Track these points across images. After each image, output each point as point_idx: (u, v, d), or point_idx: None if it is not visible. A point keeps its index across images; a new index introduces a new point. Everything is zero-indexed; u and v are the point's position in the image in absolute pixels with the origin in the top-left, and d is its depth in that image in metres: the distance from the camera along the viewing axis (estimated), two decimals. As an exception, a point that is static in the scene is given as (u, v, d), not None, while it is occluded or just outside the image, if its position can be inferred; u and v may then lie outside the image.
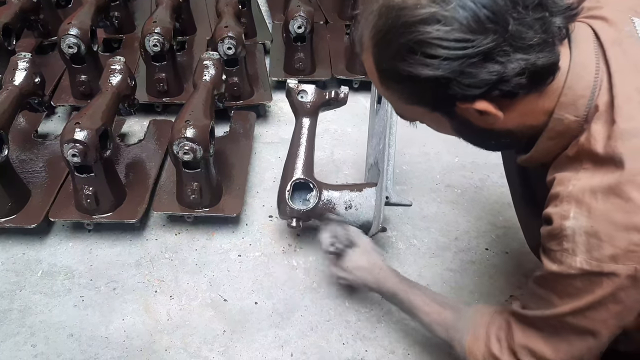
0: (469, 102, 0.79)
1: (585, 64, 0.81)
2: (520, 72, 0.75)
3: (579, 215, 0.77)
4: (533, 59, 0.75)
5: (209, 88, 1.61)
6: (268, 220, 1.64)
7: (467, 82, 0.76)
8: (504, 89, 0.77)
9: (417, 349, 1.30)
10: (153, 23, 1.86)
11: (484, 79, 0.75)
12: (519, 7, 0.73)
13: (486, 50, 0.73)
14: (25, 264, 1.48)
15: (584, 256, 0.77)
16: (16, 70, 1.59)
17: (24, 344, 1.29)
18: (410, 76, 0.78)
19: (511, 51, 0.74)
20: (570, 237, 0.78)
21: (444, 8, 0.73)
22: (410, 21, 0.75)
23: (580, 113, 0.80)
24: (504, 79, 0.75)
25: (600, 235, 0.75)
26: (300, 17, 2.02)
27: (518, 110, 0.82)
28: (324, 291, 1.43)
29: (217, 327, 1.34)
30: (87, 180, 1.45)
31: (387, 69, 0.82)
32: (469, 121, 0.84)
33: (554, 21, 0.76)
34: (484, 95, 0.77)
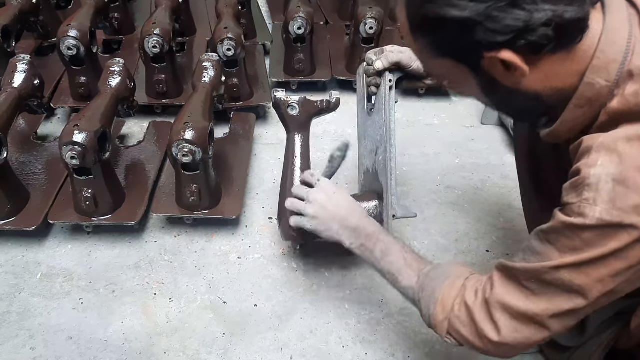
0: (495, 51, 0.77)
1: (617, 28, 0.80)
2: (546, 23, 0.73)
3: (607, 162, 0.74)
4: (561, 11, 0.73)
5: (208, 90, 1.60)
6: (268, 222, 1.64)
7: (492, 27, 0.74)
8: (529, 39, 0.75)
9: (417, 352, 1.30)
10: (152, 24, 1.86)
11: (510, 25, 0.74)
12: None
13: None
14: (24, 267, 1.48)
15: (606, 205, 0.73)
16: (15, 73, 1.59)
17: (23, 347, 1.29)
18: (437, 20, 0.77)
19: (538, 1, 0.72)
20: (594, 185, 0.75)
21: None
22: None
23: (612, 77, 0.79)
24: (530, 27, 0.74)
25: (629, 182, 0.73)
26: (300, 18, 2.01)
27: (545, 69, 0.80)
28: (324, 294, 1.43)
29: (217, 330, 1.34)
30: (86, 182, 1.45)
31: (416, 14, 0.81)
32: (494, 79, 0.83)
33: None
34: (510, 44, 0.76)
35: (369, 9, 2.06)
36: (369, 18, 2.03)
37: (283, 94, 1.39)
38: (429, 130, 2.05)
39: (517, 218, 1.64)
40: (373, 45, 2.13)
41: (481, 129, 2.08)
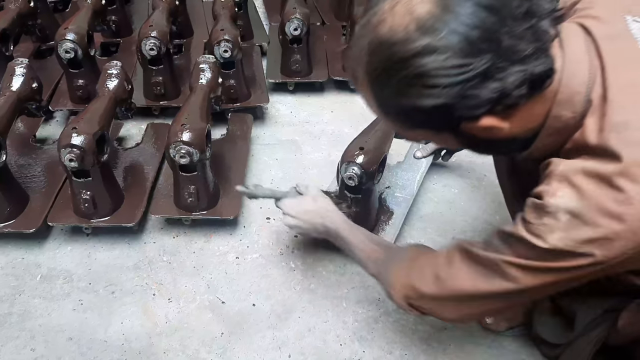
0: (475, 121, 0.80)
1: (578, 60, 0.82)
2: (520, 84, 0.76)
3: (567, 195, 0.78)
4: (530, 69, 0.75)
5: (206, 91, 1.61)
6: (266, 222, 1.65)
7: (470, 104, 0.77)
8: (507, 103, 0.78)
9: (414, 350, 1.31)
10: (150, 27, 1.87)
11: (486, 98, 0.76)
12: (508, 21, 0.73)
13: (484, 70, 0.74)
14: (25, 268, 1.49)
15: (562, 234, 0.77)
16: (13, 76, 1.60)
17: (24, 348, 1.30)
18: (413, 107, 0.79)
19: (508, 65, 0.74)
20: (553, 214, 0.78)
21: (436, 37, 0.73)
22: (404, 56, 0.75)
23: (577, 109, 0.81)
24: (506, 93, 0.76)
25: (584, 217, 0.76)
26: (296, 19, 2.02)
27: (520, 116, 0.82)
28: (322, 292, 1.44)
29: (215, 329, 1.35)
30: (84, 184, 1.46)
31: (389, 103, 0.83)
32: (474, 136, 0.85)
33: (543, 25, 0.77)
34: (488, 111, 0.79)
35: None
36: (365, 18, 2.04)
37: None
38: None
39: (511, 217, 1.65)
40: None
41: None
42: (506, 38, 0.73)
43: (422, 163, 1.74)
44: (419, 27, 0.74)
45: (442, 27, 0.73)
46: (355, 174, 1.38)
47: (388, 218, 1.57)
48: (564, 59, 0.81)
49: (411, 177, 1.71)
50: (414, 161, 1.72)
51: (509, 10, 0.73)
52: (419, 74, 0.75)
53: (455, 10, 0.73)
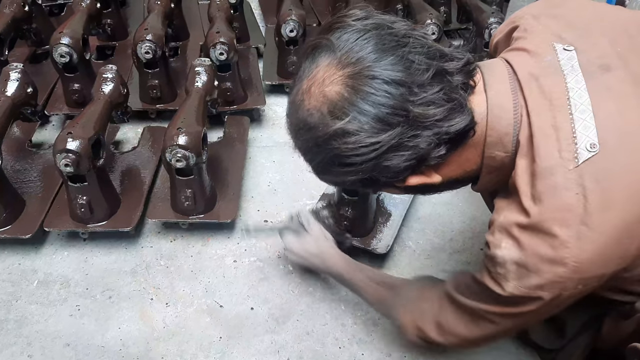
0: (401, 182, 0.85)
1: (501, 104, 0.84)
2: (435, 146, 0.79)
3: (509, 246, 0.82)
4: (445, 130, 0.78)
5: (201, 94, 1.61)
6: (263, 225, 1.64)
7: (389, 174, 0.82)
8: (428, 164, 0.82)
9: (414, 352, 1.31)
10: (145, 30, 1.86)
11: (403, 166, 0.80)
12: (414, 89, 0.76)
13: (394, 143, 0.77)
14: (21, 274, 1.49)
15: (515, 282, 0.82)
16: (8, 81, 1.59)
17: (21, 354, 1.29)
18: (339, 181, 0.88)
19: (419, 132, 0.77)
20: (502, 264, 0.83)
21: (345, 120, 0.77)
22: (320, 141, 0.80)
23: (508, 149, 0.84)
24: (422, 157, 0.80)
25: (529, 267, 0.80)
26: (292, 20, 2.02)
27: (453, 164, 0.86)
28: (320, 295, 1.44)
29: (213, 334, 1.34)
30: (80, 189, 1.45)
31: (321, 176, 0.90)
32: (413, 186, 0.88)
33: (456, 81, 0.79)
34: (412, 173, 0.84)
35: (360, 11, 2.06)
36: (360, 19, 2.04)
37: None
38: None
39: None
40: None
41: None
42: (415, 107, 0.76)
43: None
44: (330, 110, 0.78)
45: (351, 110, 0.77)
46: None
47: (386, 220, 1.56)
48: (488, 103, 0.83)
49: None
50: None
51: (416, 79, 0.76)
52: (334, 156, 0.81)
53: (363, 89, 0.76)
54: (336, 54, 0.79)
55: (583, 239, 0.76)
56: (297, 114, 0.84)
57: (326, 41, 0.81)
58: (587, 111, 0.79)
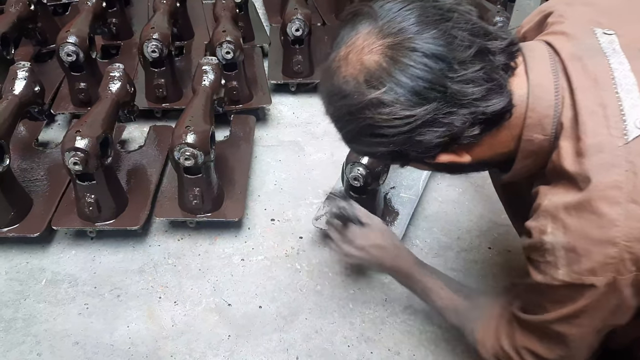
0: (432, 158, 0.83)
1: (542, 84, 0.82)
2: (470, 125, 0.78)
3: (555, 231, 0.79)
4: (481, 110, 0.77)
5: (209, 93, 1.61)
6: (270, 223, 1.64)
7: (419, 149, 0.80)
8: (460, 143, 0.80)
9: (422, 351, 1.31)
10: (151, 29, 1.86)
11: (435, 143, 0.79)
12: (454, 66, 0.75)
13: (429, 118, 0.76)
14: (29, 273, 1.49)
15: (565, 269, 0.79)
16: (16, 80, 1.59)
17: (30, 353, 1.29)
18: (368, 152, 0.87)
19: (455, 110, 0.76)
20: (550, 251, 0.80)
21: (382, 90, 0.76)
22: (354, 109, 0.79)
23: (548, 131, 0.82)
24: (455, 135, 0.79)
25: (578, 250, 0.77)
26: (297, 19, 2.02)
27: (485, 145, 0.85)
28: (328, 293, 1.44)
29: (222, 332, 1.34)
30: (88, 188, 1.45)
31: (351, 145, 0.89)
32: (442, 164, 0.87)
33: (498, 61, 0.78)
34: (443, 151, 0.82)
35: (366, 10, 2.06)
36: (366, 18, 2.04)
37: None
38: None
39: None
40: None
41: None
42: (453, 84, 0.75)
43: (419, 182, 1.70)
44: (367, 79, 0.77)
45: (388, 81, 0.75)
46: (360, 174, 1.38)
47: (393, 219, 1.56)
48: (529, 84, 0.82)
49: (416, 177, 1.70)
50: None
51: (457, 56, 0.75)
52: (367, 125, 0.79)
53: (402, 61, 0.75)
54: (377, 22, 0.77)
55: (633, 217, 0.73)
56: (332, 81, 0.82)
57: (368, 9, 0.79)
58: (634, 91, 0.77)
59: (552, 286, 0.81)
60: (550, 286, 0.82)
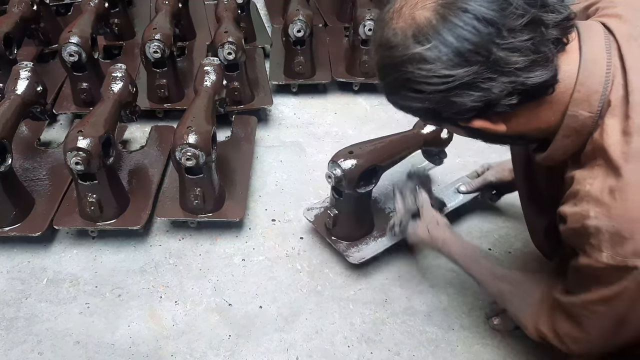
0: (466, 122, 0.84)
1: (596, 60, 0.82)
2: (508, 94, 0.78)
3: (599, 215, 0.79)
4: (522, 80, 0.77)
5: (210, 93, 1.62)
6: (271, 224, 1.65)
7: (454, 110, 0.81)
8: (495, 110, 0.80)
9: (422, 351, 1.31)
10: (153, 30, 1.87)
11: (470, 106, 0.79)
12: (503, 32, 0.75)
13: (467, 81, 0.77)
14: (31, 272, 1.49)
15: (609, 252, 0.79)
16: (18, 80, 1.60)
17: (31, 352, 1.30)
18: (404, 105, 0.86)
19: (496, 76, 0.76)
20: (594, 235, 0.80)
21: (426, 47, 0.77)
22: (397, 61, 0.81)
23: (594, 109, 0.81)
24: (491, 102, 0.79)
25: (623, 233, 0.77)
26: (299, 20, 2.02)
27: (523, 117, 0.84)
28: (328, 294, 1.44)
29: (223, 332, 1.35)
30: (90, 187, 1.46)
31: (389, 97, 0.89)
32: (478, 130, 0.87)
33: (549, 34, 0.77)
34: (478, 116, 0.82)
35: (367, 11, 2.07)
36: (367, 20, 2.04)
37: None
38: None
39: (519, 216, 1.64)
40: (372, 46, 2.13)
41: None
42: (499, 51, 0.75)
43: (460, 197, 1.63)
44: (415, 34, 0.78)
45: (434, 38, 0.77)
46: (334, 174, 1.38)
47: (380, 235, 1.52)
48: (582, 58, 0.82)
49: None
50: (452, 192, 1.65)
51: (508, 23, 0.75)
52: (406, 79, 0.80)
53: (452, 21, 0.76)
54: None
55: None
56: (383, 31, 0.83)
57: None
58: None
59: (595, 268, 0.82)
60: (594, 268, 0.83)
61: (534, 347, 1.31)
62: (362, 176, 1.38)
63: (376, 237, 1.52)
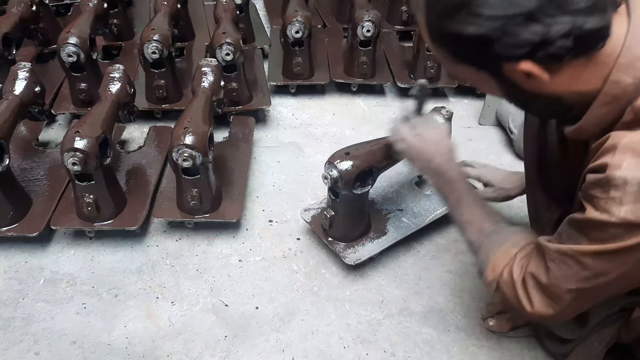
0: (514, 62, 0.80)
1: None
2: (565, 35, 0.76)
3: (634, 165, 0.77)
4: (580, 22, 0.75)
5: (208, 95, 1.62)
6: (268, 224, 1.65)
7: (509, 41, 0.77)
8: (548, 51, 0.78)
9: (417, 352, 1.31)
10: (151, 30, 1.87)
11: (527, 39, 0.76)
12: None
13: (530, 11, 0.74)
14: (28, 272, 1.50)
15: (631, 206, 0.77)
16: (16, 80, 1.60)
17: (28, 352, 1.30)
18: (456, 34, 0.81)
19: (557, 13, 0.75)
20: (621, 186, 0.78)
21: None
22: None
23: (638, 75, 0.80)
24: (548, 40, 0.76)
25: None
26: (297, 22, 2.02)
27: (567, 73, 0.82)
28: (325, 295, 1.44)
29: (219, 332, 1.35)
30: (87, 188, 1.46)
31: (436, 26, 0.85)
32: (515, 83, 0.85)
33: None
34: (529, 55, 0.79)
35: (366, 12, 2.07)
36: (366, 21, 2.05)
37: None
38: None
39: (515, 218, 1.65)
40: (370, 48, 2.14)
41: (479, 129, 2.09)
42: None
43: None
44: None
45: None
46: (331, 175, 1.37)
47: (376, 236, 1.52)
48: (630, 24, 0.81)
49: (430, 209, 1.62)
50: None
51: None
52: (468, 1, 0.77)
53: None
54: None
55: None
56: None
57: None
58: None
59: (606, 223, 0.80)
60: (604, 223, 0.80)
61: (530, 349, 1.31)
62: (358, 177, 1.37)
63: (373, 238, 1.52)
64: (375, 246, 1.50)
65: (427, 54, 2.12)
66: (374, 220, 1.56)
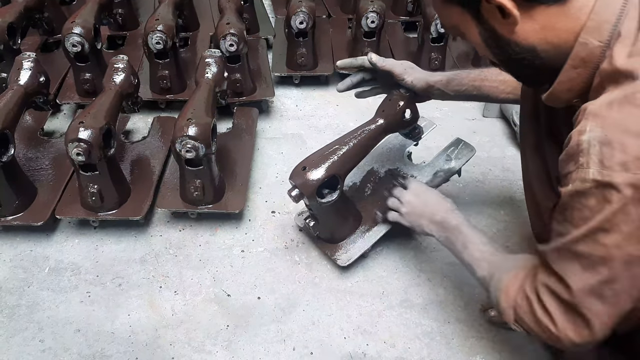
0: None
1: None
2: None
3: (594, 127, 0.78)
4: None
5: (211, 86, 1.62)
6: (271, 216, 1.66)
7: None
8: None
9: (417, 343, 1.32)
10: (156, 21, 1.87)
11: None
12: None
13: None
14: (33, 261, 1.51)
15: (597, 167, 0.77)
16: (21, 70, 1.61)
17: (32, 339, 1.32)
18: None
19: None
20: (585, 150, 0.78)
21: None
22: None
23: (604, 38, 0.82)
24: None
25: (613, 143, 0.76)
26: (302, 12, 2.02)
27: (539, 21, 0.85)
28: (326, 286, 1.45)
29: (221, 322, 1.37)
30: (91, 178, 1.48)
31: None
32: (493, 28, 0.88)
33: None
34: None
35: (370, 3, 2.06)
36: (370, 12, 2.04)
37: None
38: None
39: (518, 211, 1.65)
40: (375, 39, 2.13)
41: (483, 121, 2.08)
42: None
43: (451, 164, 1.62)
44: None
45: None
46: (292, 195, 1.33)
47: (368, 229, 1.49)
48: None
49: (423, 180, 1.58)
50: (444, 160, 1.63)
51: None
52: None
53: None
54: None
55: None
56: None
57: None
58: None
59: (580, 193, 0.79)
60: (579, 194, 0.79)
61: (529, 341, 1.32)
62: (322, 188, 1.33)
63: (364, 231, 1.48)
64: (366, 242, 1.47)
65: (432, 45, 2.12)
66: (365, 209, 1.52)
